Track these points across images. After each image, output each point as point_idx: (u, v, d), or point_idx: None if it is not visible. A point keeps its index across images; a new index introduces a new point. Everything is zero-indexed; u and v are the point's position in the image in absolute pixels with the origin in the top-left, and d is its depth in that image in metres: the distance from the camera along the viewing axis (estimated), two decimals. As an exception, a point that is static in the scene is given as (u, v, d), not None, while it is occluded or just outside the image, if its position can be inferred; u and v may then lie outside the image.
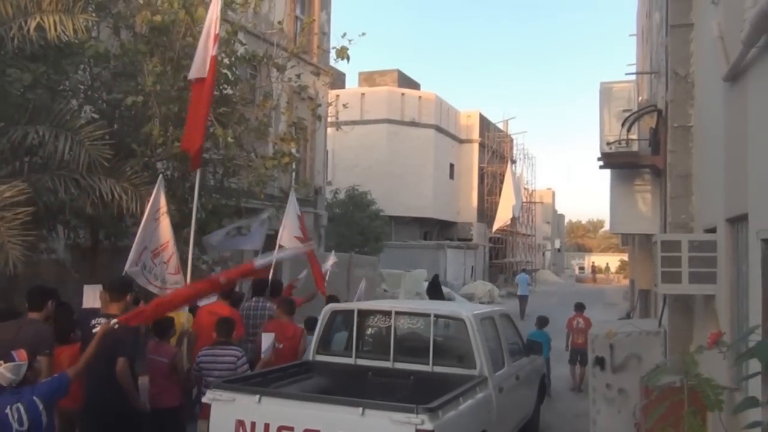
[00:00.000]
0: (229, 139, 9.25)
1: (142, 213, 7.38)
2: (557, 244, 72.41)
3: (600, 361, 7.92)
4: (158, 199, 7.40)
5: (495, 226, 38.34)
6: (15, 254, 6.43)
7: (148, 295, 7.06)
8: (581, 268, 69.23)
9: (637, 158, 10.32)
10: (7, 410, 4.54)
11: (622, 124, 10.01)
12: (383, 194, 33.29)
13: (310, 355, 7.28)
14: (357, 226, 27.99)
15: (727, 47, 5.31)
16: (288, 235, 9.90)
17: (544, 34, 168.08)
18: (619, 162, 10.74)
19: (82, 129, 7.62)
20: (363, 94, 35.43)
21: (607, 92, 10.35)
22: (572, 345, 12.81)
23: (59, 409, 5.15)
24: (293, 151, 11.36)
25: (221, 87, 9.98)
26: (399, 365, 6.82)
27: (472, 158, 41.87)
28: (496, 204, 39.65)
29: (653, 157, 10.08)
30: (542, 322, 12.36)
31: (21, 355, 4.72)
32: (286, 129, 11.50)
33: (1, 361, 4.58)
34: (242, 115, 10.08)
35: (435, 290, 23.24)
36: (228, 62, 10.04)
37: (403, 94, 36.89)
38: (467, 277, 35.80)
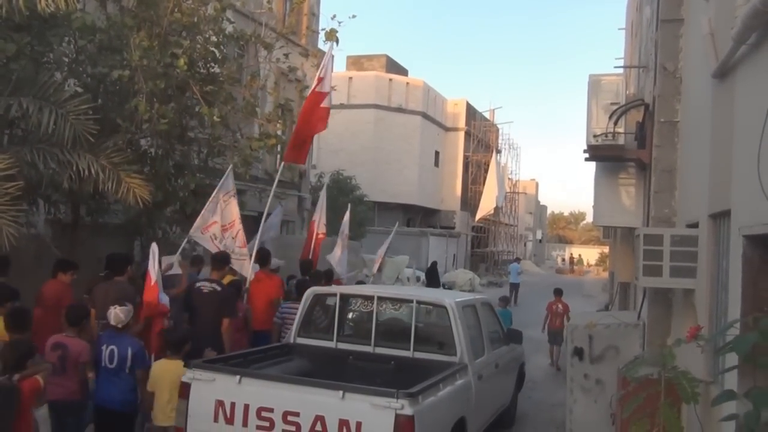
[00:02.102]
0: (215, 118, 9.17)
1: (118, 192, 7.69)
2: (539, 235, 72.89)
3: (579, 352, 7.99)
4: (228, 183, 8.85)
5: (478, 215, 38.47)
6: (8, 230, 6.44)
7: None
8: (564, 260, 70.21)
9: (622, 151, 10.23)
10: (103, 347, 6.19)
11: (609, 117, 10.00)
12: (368, 180, 33.22)
13: (292, 337, 7.31)
14: (341, 211, 27.26)
15: (717, 44, 5.35)
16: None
17: (535, 26, 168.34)
18: (604, 155, 10.71)
19: (67, 102, 7.55)
20: (350, 78, 35.39)
21: (595, 85, 10.34)
22: (550, 327, 13.94)
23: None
24: (279, 132, 11.32)
25: (208, 65, 9.83)
26: (380, 350, 6.87)
27: (457, 146, 41.99)
28: (480, 193, 39.81)
29: (639, 151, 10.11)
30: (505, 301, 13.64)
31: (127, 304, 6.37)
32: (272, 110, 11.36)
33: (116, 306, 6.23)
34: (229, 95, 9.96)
35: (432, 277, 23.73)
36: (216, 40, 9.90)
37: (390, 79, 36.82)
38: (449, 265, 35.98)
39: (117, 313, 6.17)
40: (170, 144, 9.39)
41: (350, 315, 7.59)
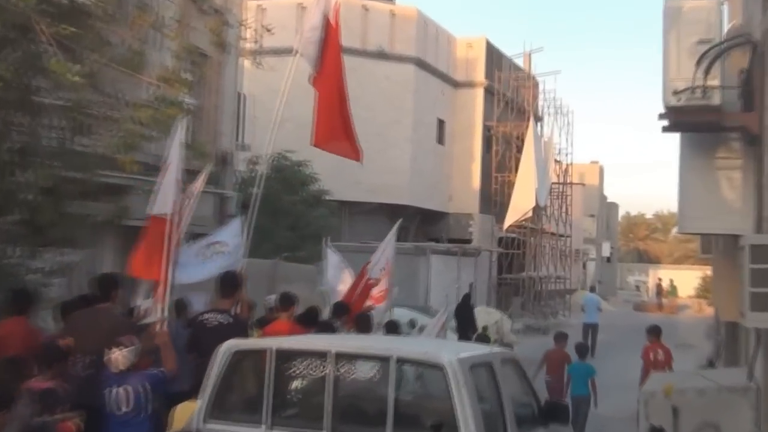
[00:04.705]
0: (75, 77, 8.37)
1: None
2: (606, 251, 68.21)
3: (657, 434, 7.84)
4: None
5: (508, 221, 36.28)
6: None
7: None
8: (647, 288, 66.47)
9: (719, 116, 10.02)
10: (107, 390, 7.07)
11: (697, 63, 9.61)
12: (331, 167, 29.59)
13: (195, 422, 7.00)
14: (287, 216, 25.10)
15: None
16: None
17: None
18: (692, 121, 10.41)
19: None
20: (302, 6, 31.28)
21: (674, 15, 9.91)
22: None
23: None
24: (184, 97, 10.85)
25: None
26: (340, 439, 6.84)
27: (473, 112, 39.36)
28: (511, 185, 37.72)
29: (744, 114, 10.00)
30: (583, 350, 13.74)
31: (131, 340, 7.27)
32: (173, 62, 10.99)
33: (120, 347, 7.10)
34: (101, 38, 9.42)
35: (465, 318, 22.90)
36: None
37: (365, 8, 34.34)
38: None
39: (121, 359, 7.07)
40: (6, 115, 8.90)
41: (293, 384, 7.28)
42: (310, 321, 10.50)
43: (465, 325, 22.02)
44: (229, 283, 9.06)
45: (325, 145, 11.99)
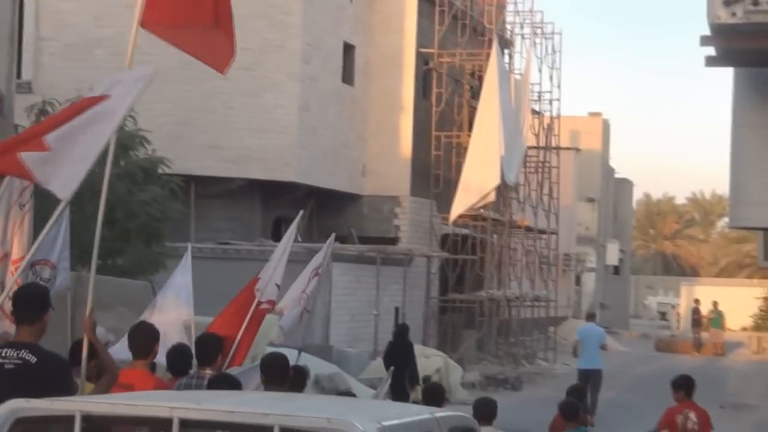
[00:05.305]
0: None
1: None
2: (614, 256, 51.25)
3: None
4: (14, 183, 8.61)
5: (458, 209, 28.96)
6: None
7: None
8: (663, 314, 53.29)
9: None
10: None
11: None
12: (170, 121, 23.86)
13: None
14: (98, 200, 18.39)
15: None
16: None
17: None
18: (751, 49, 9.06)
19: None
20: None
21: None
22: None
23: None
24: None
25: None
26: None
27: (401, 32, 30.24)
28: (462, 151, 30.26)
29: None
30: (569, 412, 11.30)
31: None
32: None
33: None
34: None
35: (400, 356, 18.43)
36: None
37: None
38: (384, 338, 25.31)
39: None
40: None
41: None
42: (179, 367, 9.00)
43: (401, 373, 17.42)
44: (25, 301, 7.29)
45: (165, 30, 7.54)
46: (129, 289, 15.80)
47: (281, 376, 8.54)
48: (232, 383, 8.38)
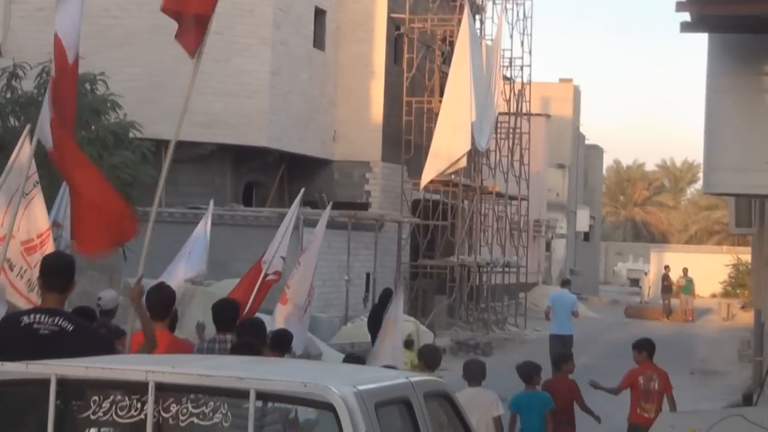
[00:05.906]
0: None
1: None
2: (584, 223, 52.11)
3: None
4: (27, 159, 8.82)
5: (429, 174, 29.16)
6: None
7: None
8: (634, 280, 51.98)
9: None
10: None
11: None
12: (141, 86, 23.55)
13: None
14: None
15: None
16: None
17: None
18: (727, 15, 9.17)
19: None
20: None
21: None
22: (632, 420, 12.45)
23: None
24: None
25: None
26: None
27: None
28: (433, 116, 30.35)
29: None
30: (528, 371, 11.56)
31: None
32: None
33: None
34: None
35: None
36: None
37: None
38: (355, 303, 27.09)
39: None
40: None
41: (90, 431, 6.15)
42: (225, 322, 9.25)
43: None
44: (56, 269, 7.13)
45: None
46: (99, 266, 16.41)
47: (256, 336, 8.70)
48: (253, 350, 8.40)
